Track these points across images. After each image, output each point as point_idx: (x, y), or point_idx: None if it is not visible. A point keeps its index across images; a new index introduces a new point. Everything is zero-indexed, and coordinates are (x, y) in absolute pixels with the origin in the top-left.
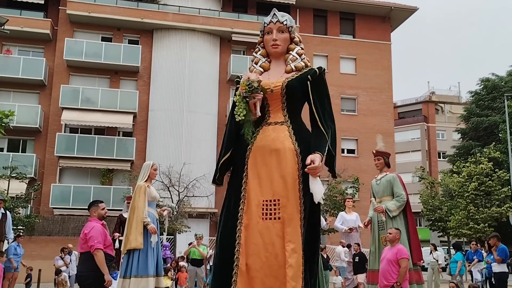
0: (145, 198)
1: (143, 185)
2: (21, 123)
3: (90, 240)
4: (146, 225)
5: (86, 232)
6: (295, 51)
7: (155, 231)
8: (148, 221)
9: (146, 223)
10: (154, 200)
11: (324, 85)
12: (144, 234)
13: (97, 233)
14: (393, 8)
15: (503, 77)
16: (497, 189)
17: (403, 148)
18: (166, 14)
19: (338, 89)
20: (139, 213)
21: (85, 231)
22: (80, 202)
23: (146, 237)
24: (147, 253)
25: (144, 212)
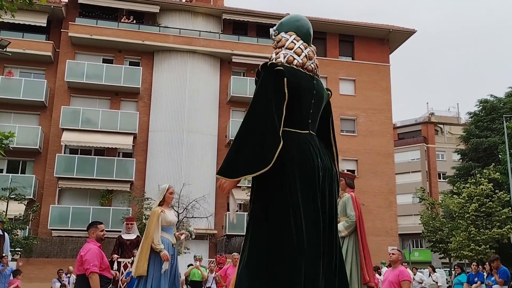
0: (158, 224)
1: (157, 210)
2: (21, 144)
3: (85, 263)
4: (158, 252)
5: (82, 254)
6: None
7: (167, 258)
8: (161, 248)
9: (159, 250)
10: (170, 224)
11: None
12: (157, 260)
13: (93, 255)
14: (392, 31)
15: (501, 98)
16: (497, 210)
17: (403, 169)
18: (167, 36)
19: (337, 110)
20: (150, 240)
21: (82, 253)
22: (79, 223)
23: (158, 263)
24: (159, 280)
25: (156, 239)
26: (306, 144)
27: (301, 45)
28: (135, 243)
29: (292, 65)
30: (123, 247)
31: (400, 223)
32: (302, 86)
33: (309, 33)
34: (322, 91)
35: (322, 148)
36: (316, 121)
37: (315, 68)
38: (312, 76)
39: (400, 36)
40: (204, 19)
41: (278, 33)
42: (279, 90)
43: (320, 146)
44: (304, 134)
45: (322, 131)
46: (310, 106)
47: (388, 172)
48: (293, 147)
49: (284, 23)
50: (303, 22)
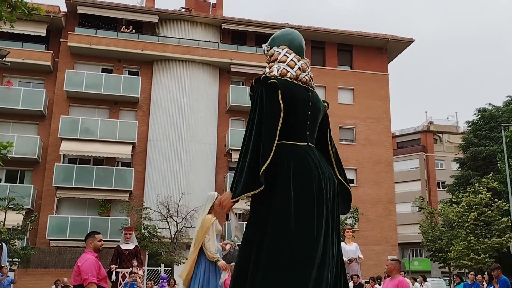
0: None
1: (211, 218)
2: (20, 153)
3: (83, 273)
4: (215, 261)
5: (79, 265)
6: None
7: (226, 268)
8: (218, 257)
9: (216, 260)
10: (219, 233)
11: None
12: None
13: (91, 265)
14: (390, 40)
15: (499, 107)
16: (496, 219)
17: (402, 178)
18: (166, 46)
19: (336, 119)
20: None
21: (79, 263)
22: (77, 233)
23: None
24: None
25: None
26: (306, 156)
27: (294, 58)
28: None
29: (286, 78)
30: (122, 257)
31: (399, 232)
32: (297, 98)
33: (301, 46)
34: (318, 102)
35: (322, 160)
36: (314, 133)
37: (310, 80)
38: (307, 88)
39: (398, 45)
40: (203, 29)
41: (270, 48)
42: (275, 103)
43: (319, 157)
44: (303, 146)
45: (320, 143)
46: (307, 118)
47: (387, 181)
48: (292, 159)
49: (276, 38)
50: (295, 36)
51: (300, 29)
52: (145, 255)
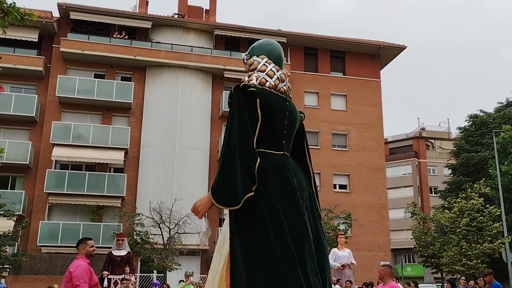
0: None
1: None
2: (11, 159)
3: (75, 279)
4: None
5: (71, 271)
6: None
7: None
8: None
9: None
10: None
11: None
12: None
13: (83, 272)
14: (382, 47)
15: (491, 113)
16: (488, 224)
17: (394, 184)
18: (159, 52)
19: (329, 125)
20: None
21: (71, 269)
22: (69, 239)
23: None
24: None
25: None
26: (281, 164)
27: (273, 67)
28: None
29: (265, 87)
30: (114, 264)
31: (392, 238)
32: (275, 107)
33: (280, 57)
34: (295, 112)
35: (297, 169)
36: (290, 142)
37: (288, 90)
38: (285, 98)
39: (390, 52)
40: (196, 35)
41: (250, 57)
42: (253, 111)
43: (295, 166)
44: (278, 154)
45: (297, 152)
46: (284, 127)
47: (380, 187)
48: (271, 167)
49: (256, 47)
50: (274, 46)
51: (293, 35)
52: (137, 261)
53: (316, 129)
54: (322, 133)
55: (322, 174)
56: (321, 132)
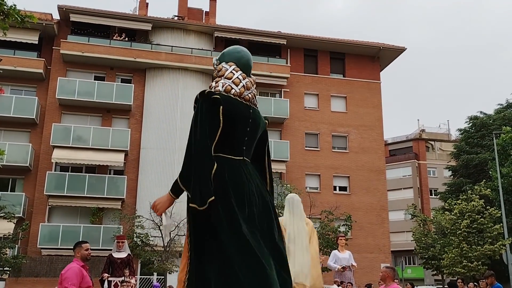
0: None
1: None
2: (11, 161)
3: (64, 281)
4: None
5: (62, 273)
6: None
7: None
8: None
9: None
10: None
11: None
12: None
13: (73, 274)
14: (382, 48)
15: (491, 115)
16: (489, 226)
17: (394, 186)
18: (159, 54)
19: (329, 127)
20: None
21: (63, 271)
22: (69, 242)
23: None
24: None
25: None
26: (239, 169)
27: (239, 75)
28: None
29: (230, 94)
30: (114, 266)
31: (392, 239)
32: (238, 114)
33: (248, 64)
34: (259, 120)
35: (254, 175)
36: (251, 148)
37: (253, 98)
38: (249, 105)
39: (390, 54)
40: (196, 37)
41: (219, 62)
42: (214, 117)
43: (252, 172)
44: (237, 160)
45: (257, 158)
46: (245, 134)
47: (380, 189)
48: (225, 171)
49: (226, 54)
50: (243, 54)
51: (293, 37)
52: (137, 263)
53: (316, 131)
54: (322, 135)
55: (322, 176)
56: (321, 134)
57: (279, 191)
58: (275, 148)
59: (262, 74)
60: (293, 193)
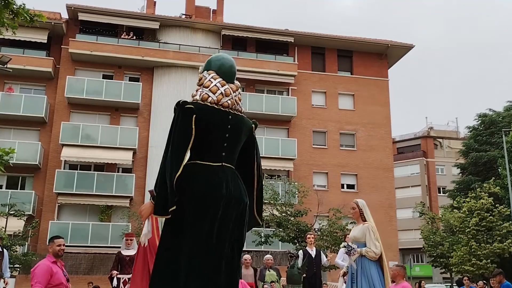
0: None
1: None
2: (21, 160)
3: (32, 279)
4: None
5: (32, 270)
6: None
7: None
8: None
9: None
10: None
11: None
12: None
13: (40, 271)
14: (390, 46)
15: (500, 112)
16: (498, 224)
17: (402, 183)
18: (167, 52)
19: (336, 124)
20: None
21: (32, 268)
22: (78, 239)
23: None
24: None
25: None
26: (214, 175)
27: (218, 83)
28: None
29: (206, 102)
30: (123, 263)
31: (400, 237)
32: (214, 121)
33: (230, 71)
34: (241, 125)
35: (233, 180)
36: (233, 154)
37: (234, 103)
38: (228, 112)
39: (398, 51)
40: (203, 35)
41: (202, 72)
42: (187, 127)
43: (231, 178)
44: (215, 166)
45: (244, 164)
46: (223, 140)
47: (388, 187)
48: (197, 178)
49: (208, 62)
50: (224, 61)
51: (301, 35)
52: None
53: (323, 129)
54: (330, 133)
55: (329, 174)
56: (329, 131)
57: (286, 189)
58: (282, 146)
59: (269, 72)
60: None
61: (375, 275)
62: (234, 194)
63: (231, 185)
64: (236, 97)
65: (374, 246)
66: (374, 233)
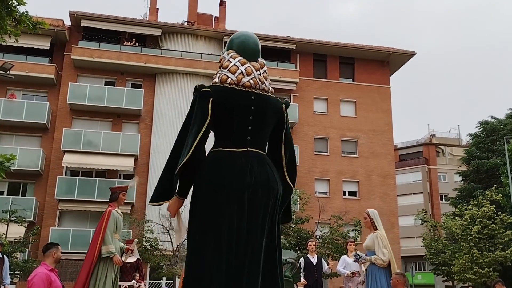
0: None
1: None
2: (22, 166)
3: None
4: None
5: (29, 279)
6: None
7: None
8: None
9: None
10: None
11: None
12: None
13: (40, 280)
14: (392, 53)
15: (502, 120)
16: (500, 232)
17: (404, 191)
18: (169, 59)
19: (338, 131)
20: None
21: (29, 277)
22: (79, 246)
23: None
24: None
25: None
26: (237, 162)
27: (237, 62)
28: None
29: (225, 84)
30: (123, 270)
31: (402, 245)
32: (233, 104)
33: (250, 48)
34: (266, 105)
35: (260, 166)
36: (260, 137)
37: (258, 83)
38: (250, 92)
39: (400, 58)
40: (205, 42)
41: (224, 52)
42: (202, 111)
43: (258, 163)
44: (238, 152)
45: (274, 148)
46: (247, 123)
47: (390, 194)
48: (216, 168)
49: (229, 42)
50: (243, 38)
51: (303, 42)
52: (147, 268)
53: (325, 136)
54: (332, 140)
55: (331, 180)
56: (331, 138)
57: None
58: None
59: (271, 79)
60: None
61: (384, 282)
62: (261, 181)
63: (257, 172)
64: (261, 75)
65: (382, 254)
66: (383, 241)
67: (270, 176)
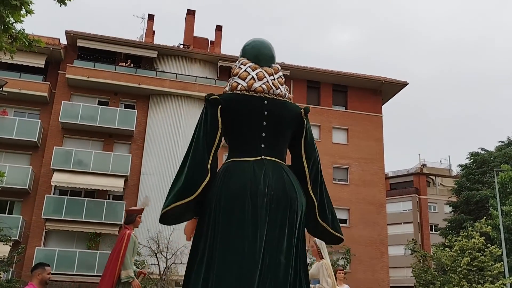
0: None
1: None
2: (10, 184)
3: None
4: None
5: None
6: None
7: None
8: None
9: None
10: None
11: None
12: None
13: None
14: (384, 82)
15: (492, 152)
16: (489, 264)
17: (395, 220)
18: (163, 81)
19: (330, 158)
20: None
21: None
22: (64, 267)
23: None
24: None
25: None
26: (249, 172)
27: (248, 68)
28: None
29: (236, 91)
30: None
31: (392, 275)
32: (244, 110)
33: (260, 53)
34: (281, 110)
35: (275, 174)
36: (275, 145)
37: (271, 87)
38: (263, 97)
39: (392, 88)
40: (200, 65)
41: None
42: (212, 120)
43: (273, 171)
44: (251, 161)
45: (295, 158)
46: (261, 129)
47: (380, 223)
48: (226, 178)
49: (242, 50)
50: (254, 44)
51: (297, 68)
52: None
53: None
54: (323, 166)
55: None
56: (322, 165)
57: None
58: None
59: None
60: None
61: None
62: (276, 190)
63: (272, 179)
64: (275, 80)
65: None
66: (327, 270)
67: (288, 185)
